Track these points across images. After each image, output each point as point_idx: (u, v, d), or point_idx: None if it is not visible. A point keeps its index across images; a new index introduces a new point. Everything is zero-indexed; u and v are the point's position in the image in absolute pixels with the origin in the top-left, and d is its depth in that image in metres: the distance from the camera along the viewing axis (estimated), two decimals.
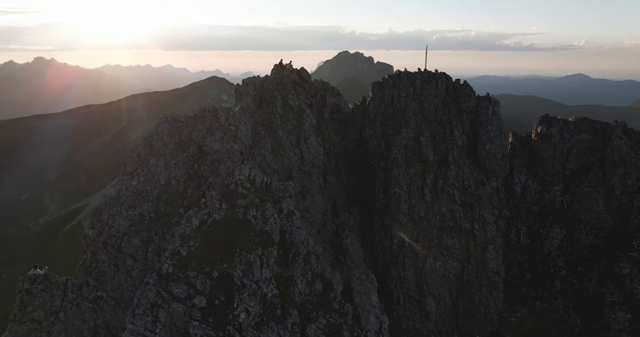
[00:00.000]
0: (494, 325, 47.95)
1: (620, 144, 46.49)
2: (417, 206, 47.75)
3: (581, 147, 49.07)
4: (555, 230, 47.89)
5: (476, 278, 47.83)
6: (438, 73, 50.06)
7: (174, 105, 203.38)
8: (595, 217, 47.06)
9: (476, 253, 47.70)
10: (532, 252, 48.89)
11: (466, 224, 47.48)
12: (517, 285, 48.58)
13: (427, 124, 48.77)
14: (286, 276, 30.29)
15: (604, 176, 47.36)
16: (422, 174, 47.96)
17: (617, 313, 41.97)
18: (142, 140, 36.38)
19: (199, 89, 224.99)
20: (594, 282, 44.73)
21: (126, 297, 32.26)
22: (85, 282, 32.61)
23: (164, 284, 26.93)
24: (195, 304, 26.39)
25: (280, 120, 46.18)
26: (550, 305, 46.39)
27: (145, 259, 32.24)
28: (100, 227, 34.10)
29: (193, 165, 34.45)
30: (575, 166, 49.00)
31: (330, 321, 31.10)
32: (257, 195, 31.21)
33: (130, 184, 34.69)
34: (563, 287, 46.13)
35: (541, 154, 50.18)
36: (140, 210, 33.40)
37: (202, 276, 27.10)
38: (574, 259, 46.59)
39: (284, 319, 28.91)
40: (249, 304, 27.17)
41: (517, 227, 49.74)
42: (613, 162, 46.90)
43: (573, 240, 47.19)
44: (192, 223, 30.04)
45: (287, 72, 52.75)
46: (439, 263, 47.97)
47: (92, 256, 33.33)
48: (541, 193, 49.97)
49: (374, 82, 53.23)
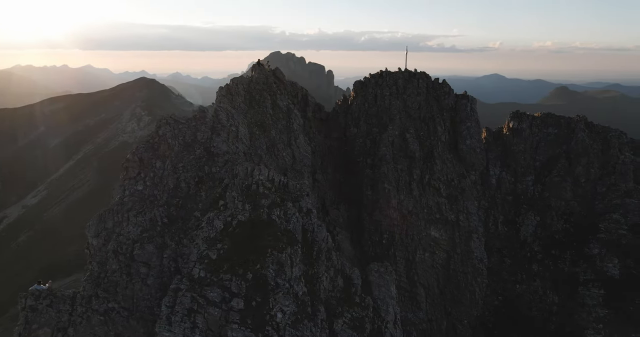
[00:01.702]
0: (479, 310, 50.89)
1: (583, 136, 51.15)
2: (405, 200, 49.58)
3: (548, 140, 53.37)
4: (529, 217, 51.73)
5: (462, 266, 50.51)
6: (418, 72, 52.28)
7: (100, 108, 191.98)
8: (564, 204, 51.41)
9: (461, 243, 50.38)
10: (510, 239, 52.47)
11: (451, 215, 50.01)
12: (497, 270, 51.90)
13: (411, 121, 50.76)
14: (311, 274, 30.53)
15: (569, 166, 51.85)
16: (409, 170, 49.86)
17: (590, 290, 46.19)
18: (143, 144, 34.87)
19: (127, 90, 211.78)
20: (567, 263, 48.88)
21: (142, 306, 30.87)
22: (95, 294, 30.81)
23: (197, 289, 26.29)
24: (233, 307, 26.01)
25: (271, 120, 46.08)
26: (529, 287, 50.08)
27: (161, 265, 31.02)
28: (106, 236, 32.33)
29: (203, 167, 33.62)
30: (543, 158, 53.19)
31: (353, 315, 31.74)
32: (278, 194, 31.18)
33: (136, 189, 33.17)
34: (540, 270, 49.96)
35: (513, 147, 53.95)
36: (150, 215, 32.05)
37: (236, 278, 26.74)
38: (548, 243, 50.61)
39: (314, 316, 29.18)
40: (284, 304, 27.18)
41: (494, 216, 53.14)
42: (577, 153, 51.48)
43: (546, 226, 51.25)
44: (214, 226, 29.44)
45: (267, 72, 52.66)
46: (428, 254, 50.14)
47: (100, 266, 31.53)
48: (514, 184, 53.74)
49: (356, 81, 54.47)
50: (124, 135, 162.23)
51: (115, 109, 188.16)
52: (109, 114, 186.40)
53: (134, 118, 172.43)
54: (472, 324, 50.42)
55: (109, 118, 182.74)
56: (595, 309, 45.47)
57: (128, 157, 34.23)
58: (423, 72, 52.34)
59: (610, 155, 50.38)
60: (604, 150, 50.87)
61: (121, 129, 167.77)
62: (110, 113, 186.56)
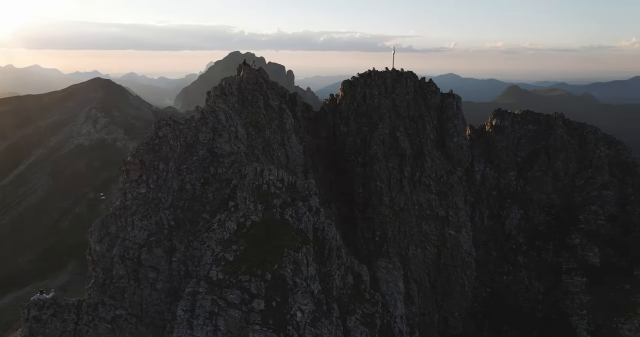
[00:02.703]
0: (468, 301, 52.52)
1: (561, 132, 53.72)
2: (397, 197, 50.49)
3: (528, 136, 55.72)
4: (513, 211, 53.83)
5: (452, 260, 51.95)
6: (406, 72, 53.32)
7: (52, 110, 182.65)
8: (546, 197, 53.84)
9: (450, 237, 51.81)
10: (495, 232, 54.43)
11: (441, 211, 51.35)
12: (484, 263, 53.72)
13: (400, 120, 51.74)
14: (324, 272, 30.75)
15: (549, 160, 54.32)
16: (400, 167, 50.81)
17: (573, 278, 48.61)
18: (143, 146, 33.94)
19: (80, 91, 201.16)
20: (550, 253, 51.23)
21: (151, 312, 30.14)
22: (101, 302, 29.86)
23: (217, 291, 25.98)
24: (254, 308, 25.87)
25: (265, 120, 45.87)
26: (516, 277, 52.15)
27: (170, 269, 30.37)
28: (110, 241, 31.32)
29: (208, 169, 33.09)
30: (525, 153, 55.49)
31: (364, 311, 32.22)
32: (288, 194, 31.18)
33: (139, 192, 32.28)
34: (525, 261, 52.12)
35: (496, 144, 55.96)
36: (156, 218, 31.28)
37: (255, 279, 26.58)
38: (531, 235, 52.85)
39: (330, 314, 29.43)
40: (302, 303, 27.27)
41: (480, 211, 54.95)
42: (556, 149, 54.01)
43: (529, 218, 53.50)
44: (227, 227, 29.14)
45: (256, 72, 52.32)
46: (419, 250, 51.30)
47: (105, 272, 30.53)
48: (498, 179, 55.77)
49: (345, 81, 54.93)
50: (79, 138, 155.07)
51: (68, 111, 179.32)
52: (62, 116, 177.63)
53: (89, 120, 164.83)
54: (462, 316, 51.98)
55: (62, 120, 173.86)
56: (579, 296, 47.87)
57: (128, 160, 33.30)
58: (410, 71, 53.46)
59: (586, 150, 53.17)
60: (580, 146, 53.62)
61: (76, 131, 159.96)
62: (63, 115, 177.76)
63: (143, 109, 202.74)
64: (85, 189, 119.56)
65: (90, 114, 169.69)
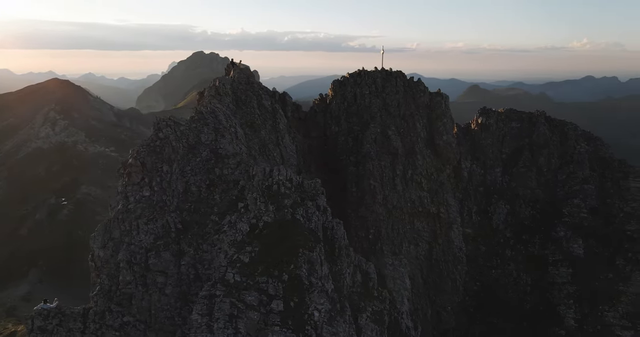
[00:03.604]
0: (460, 296, 53.75)
1: (544, 129, 55.77)
2: (390, 195, 51.12)
3: (512, 134, 57.56)
4: (500, 206, 55.50)
5: (443, 256, 53.05)
6: (395, 71, 54.04)
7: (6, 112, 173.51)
8: (530, 192, 55.75)
9: (442, 233, 52.91)
10: (483, 228, 55.95)
11: (433, 208, 52.33)
12: (474, 257, 55.12)
13: (391, 119, 52.40)
14: (335, 271, 30.87)
15: (532, 157, 56.29)
16: (392, 166, 51.46)
17: (559, 269, 50.55)
18: (144, 147, 33.03)
19: (37, 92, 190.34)
20: (537, 246, 53.09)
21: (161, 317, 29.39)
22: (108, 309, 28.94)
23: (235, 293, 25.67)
24: (273, 309, 25.69)
25: (259, 120, 45.53)
26: (504, 271, 53.78)
27: (179, 273, 29.69)
28: (114, 246, 30.34)
29: (213, 170, 32.54)
30: (509, 150, 57.29)
31: (374, 308, 32.59)
32: (297, 194, 31.10)
33: (142, 195, 31.39)
34: (513, 254, 53.83)
35: (482, 141, 57.54)
36: (162, 222, 30.49)
37: (272, 280, 26.41)
38: (518, 229, 54.64)
39: (343, 313, 29.60)
40: (319, 302, 27.27)
41: (468, 207, 56.36)
42: (539, 145, 56.03)
43: (515, 213, 55.28)
44: (239, 229, 28.79)
45: (246, 72, 51.88)
46: (412, 246, 52.11)
47: (110, 279, 29.55)
48: (484, 175, 57.36)
49: (335, 80, 55.19)
50: (37, 141, 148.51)
51: (24, 113, 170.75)
52: (17, 118, 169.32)
53: (47, 122, 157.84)
54: (454, 310, 53.15)
55: (18, 123, 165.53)
56: (565, 287, 49.83)
57: (130, 162, 32.37)
58: (399, 71, 54.23)
59: (568, 146, 55.42)
60: (562, 142, 55.83)
61: (34, 134, 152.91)
62: (19, 117, 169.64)
63: (104, 111, 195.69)
64: (46, 195, 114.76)
65: (48, 116, 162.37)
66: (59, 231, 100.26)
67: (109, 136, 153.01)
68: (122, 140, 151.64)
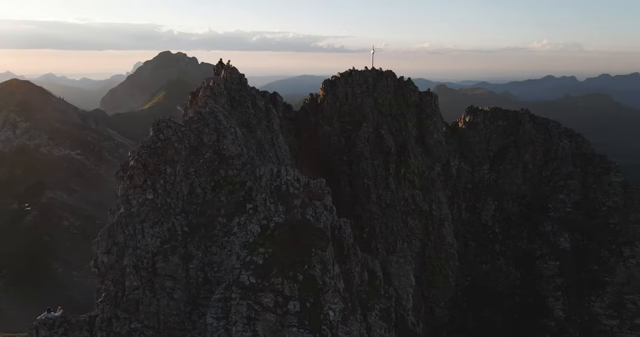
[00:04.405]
0: (452, 291, 54.78)
1: (529, 127, 57.42)
2: (383, 194, 51.64)
3: (499, 132, 59.00)
4: (488, 203, 56.82)
5: (435, 252, 53.95)
6: (386, 71, 54.56)
7: None
8: (517, 189, 57.32)
9: (434, 230, 53.79)
10: (473, 224, 57.17)
11: (425, 205, 53.15)
12: (464, 253, 56.27)
13: (383, 118, 52.92)
14: (345, 270, 30.95)
15: (518, 154, 57.88)
16: (385, 165, 51.99)
17: (547, 262, 52.18)
18: (144, 149, 32.13)
19: None
20: (525, 241, 54.64)
21: (170, 322, 28.68)
22: (115, 316, 28.10)
23: (251, 296, 25.39)
24: (290, 310, 25.57)
25: (254, 120, 45.15)
26: (494, 265, 55.10)
27: (187, 277, 29.06)
28: (119, 251, 29.40)
29: (218, 171, 32.01)
30: (496, 148, 58.71)
31: (381, 306, 32.83)
32: (305, 194, 30.97)
33: (146, 198, 30.55)
34: (502, 249, 55.22)
35: (469, 139, 58.75)
36: (167, 225, 29.76)
37: (287, 281, 26.27)
38: (506, 224, 56.09)
39: (354, 311, 29.76)
40: (332, 302, 27.30)
41: (457, 204, 57.47)
42: (524, 142, 57.67)
43: (503, 209, 56.73)
44: (249, 230, 28.45)
45: (237, 72, 51.32)
46: (406, 244, 52.76)
47: (115, 285, 28.66)
48: (472, 173, 58.58)
49: (325, 80, 55.26)
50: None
51: None
52: None
53: (7, 125, 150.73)
54: (447, 305, 54.13)
55: None
56: (553, 279, 51.48)
57: (131, 164, 31.47)
58: (390, 70, 54.78)
59: (551, 143, 57.23)
60: (546, 139, 57.63)
61: None
62: None
63: (69, 112, 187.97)
64: (7, 200, 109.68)
65: (8, 118, 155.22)
66: (23, 238, 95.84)
67: (75, 138, 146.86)
68: (89, 142, 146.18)
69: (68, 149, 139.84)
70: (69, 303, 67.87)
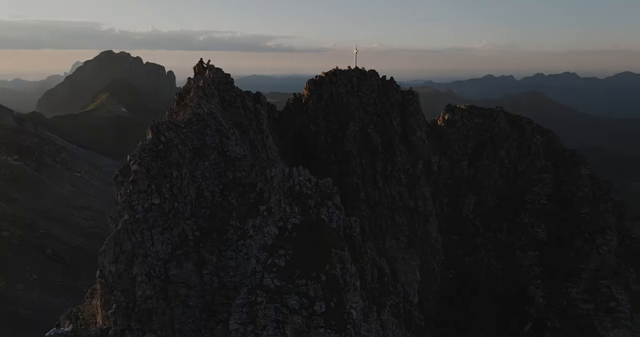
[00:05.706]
0: (438, 285, 56.30)
1: (504, 124, 59.97)
2: (372, 192, 52.27)
3: (475, 129, 61.22)
4: (468, 197, 58.87)
5: (422, 247, 55.24)
6: (369, 71, 55.22)
7: None
8: (494, 183, 59.74)
9: (420, 226, 55.06)
10: (454, 219, 59.02)
11: (411, 202, 54.30)
12: (447, 247, 57.99)
13: (369, 117, 53.54)
14: (358, 268, 31.15)
15: (494, 150, 60.33)
16: (372, 163, 52.61)
17: (526, 253, 54.79)
18: (145, 152, 30.76)
19: None
20: (504, 233, 57.07)
21: (186, 331, 27.67)
22: (128, 327, 26.80)
23: (278, 299, 25.07)
24: (316, 311, 25.46)
25: (246, 121, 44.41)
26: (476, 258, 57.17)
27: (202, 283, 28.14)
28: (127, 260, 27.98)
29: (225, 173, 31.17)
30: (473, 144, 60.90)
31: (391, 302, 33.33)
32: (317, 194, 30.87)
33: (152, 203, 29.27)
34: (483, 242, 57.38)
35: (448, 137, 60.58)
36: (178, 230, 28.68)
37: (311, 282, 26.13)
38: (486, 218, 58.32)
39: (371, 309, 30.06)
40: (354, 300, 27.44)
41: (439, 199, 59.13)
42: (500, 139, 60.20)
43: (482, 203, 58.94)
44: (266, 232, 28.00)
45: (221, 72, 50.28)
46: (394, 241, 53.67)
47: (126, 295, 27.31)
48: (452, 169, 60.47)
49: (310, 79, 55.16)
50: None
51: None
52: None
53: None
54: (435, 299, 55.55)
55: None
56: (533, 268, 54.10)
57: (134, 169, 30.10)
58: (373, 70, 55.50)
59: (525, 139, 60.10)
60: (519, 135, 60.43)
61: None
62: None
63: (3, 115, 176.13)
64: None
65: None
66: None
67: (11, 143, 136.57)
68: (27, 147, 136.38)
69: (4, 154, 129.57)
70: (13, 318, 63.63)
